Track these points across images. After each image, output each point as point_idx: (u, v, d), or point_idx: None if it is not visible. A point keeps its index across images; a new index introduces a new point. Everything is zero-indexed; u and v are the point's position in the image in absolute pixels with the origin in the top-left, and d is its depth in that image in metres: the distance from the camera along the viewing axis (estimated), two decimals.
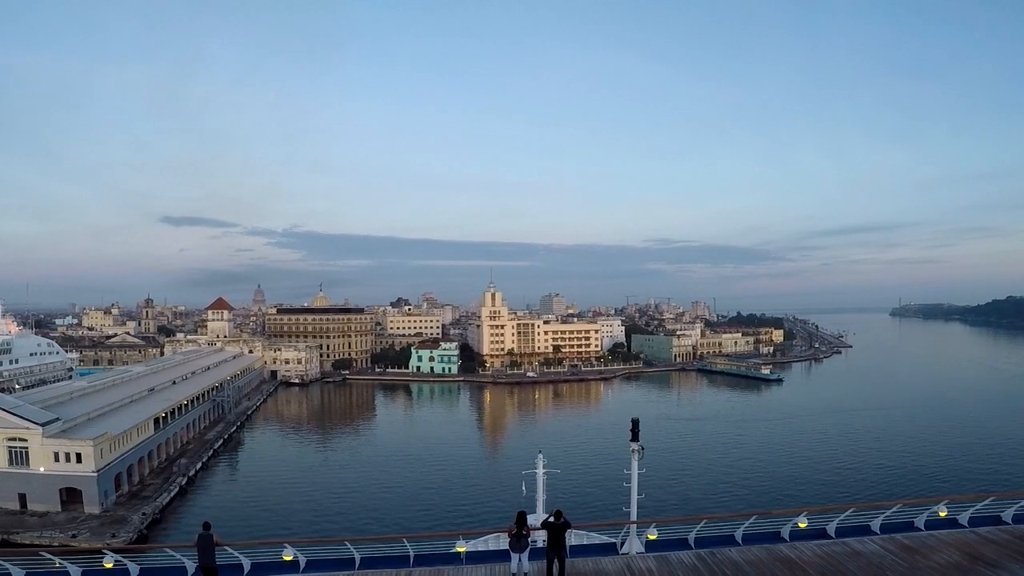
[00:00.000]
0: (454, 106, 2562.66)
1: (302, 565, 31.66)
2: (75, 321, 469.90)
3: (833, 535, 33.59)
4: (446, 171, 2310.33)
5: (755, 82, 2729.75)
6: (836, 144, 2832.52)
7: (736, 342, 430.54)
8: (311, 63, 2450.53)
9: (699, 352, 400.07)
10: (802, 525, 33.73)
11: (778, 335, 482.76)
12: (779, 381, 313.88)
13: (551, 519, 28.17)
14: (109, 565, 31.35)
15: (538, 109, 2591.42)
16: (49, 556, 32.45)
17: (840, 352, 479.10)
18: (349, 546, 32.27)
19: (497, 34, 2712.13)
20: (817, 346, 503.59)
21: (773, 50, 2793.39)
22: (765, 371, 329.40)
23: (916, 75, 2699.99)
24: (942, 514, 35.26)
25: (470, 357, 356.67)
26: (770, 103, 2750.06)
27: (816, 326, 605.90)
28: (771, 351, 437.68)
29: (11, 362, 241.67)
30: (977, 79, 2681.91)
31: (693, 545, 32.70)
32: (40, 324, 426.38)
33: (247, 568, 31.59)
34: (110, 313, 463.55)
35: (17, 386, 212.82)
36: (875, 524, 34.42)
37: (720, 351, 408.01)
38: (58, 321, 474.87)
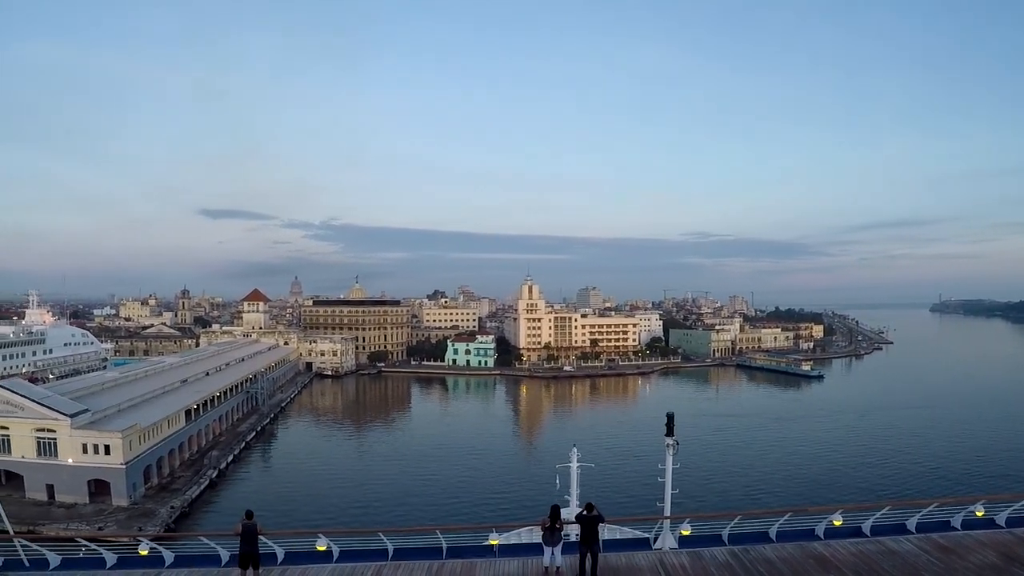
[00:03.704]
0: (490, 99, 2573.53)
1: (335, 555, 31.46)
2: (112, 312, 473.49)
3: (868, 533, 32.90)
4: (482, 164, 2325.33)
5: (793, 74, 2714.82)
6: (874, 137, 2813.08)
7: (775, 337, 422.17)
8: (348, 59, 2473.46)
9: (738, 347, 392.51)
10: (837, 523, 33.18)
11: (818, 331, 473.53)
12: (820, 378, 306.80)
13: (583, 512, 28.01)
14: (144, 552, 31.60)
15: (573, 102, 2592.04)
16: (84, 542, 33.15)
17: (881, 348, 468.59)
18: (382, 537, 32.06)
19: (532, 27, 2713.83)
20: (860, 340, 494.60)
21: (812, 42, 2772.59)
22: (806, 367, 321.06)
23: (956, 68, 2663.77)
24: (979, 514, 34.39)
25: (506, 350, 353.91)
26: (807, 95, 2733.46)
27: (856, 322, 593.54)
28: (811, 347, 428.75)
29: (45, 352, 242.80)
30: (1019, 72, 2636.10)
31: (727, 541, 32.11)
32: (77, 315, 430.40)
33: (281, 557, 31.31)
34: (147, 304, 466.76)
35: (51, 376, 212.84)
36: (911, 523, 33.63)
37: (759, 346, 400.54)
38: (96, 312, 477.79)
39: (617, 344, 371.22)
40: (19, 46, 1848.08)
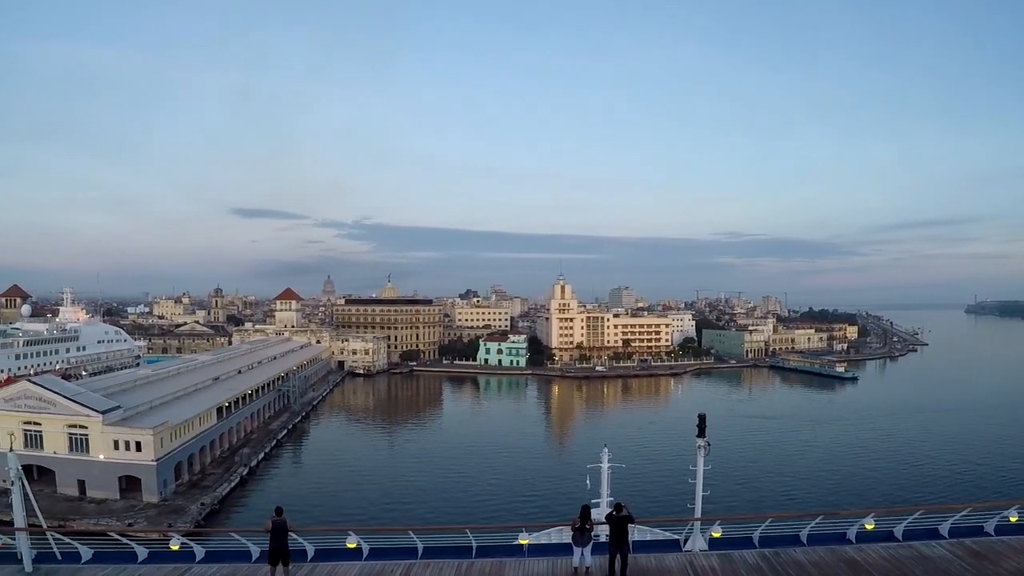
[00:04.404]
0: (521, 99, 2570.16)
1: (365, 553, 31.45)
2: (146, 310, 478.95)
3: (900, 538, 32.45)
4: (513, 164, 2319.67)
5: (823, 72, 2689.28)
6: (907, 135, 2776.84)
7: (809, 338, 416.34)
8: (381, 58, 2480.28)
9: (771, 348, 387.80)
10: (869, 527, 32.89)
11: (852, 331, 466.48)
12: (854, 379, 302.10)
13: (613, 512, 28.21)
14: (175, 547, 31.52)
15: (605, 102, 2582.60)
16: (116, 536, 33.24)
17: (915, 350, 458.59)
18: (412, 535, 31.99)
19: (563, 26, 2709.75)
20: (894, 341, 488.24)
21: (843, 39, 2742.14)
22: (839, 369, 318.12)
23: (988, 64, 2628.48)
24: (1013, 519, 33.75)
25: (538, 350, 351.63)
26: (838, 93, 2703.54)
27: (890, 323, 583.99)
28: (845, 348, 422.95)
29: (78, 349, 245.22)
30: None
31: (757, 544, 31.79)
32: (111, 312, 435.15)
33: (311, 554, 31.38)
34: (180, 302, 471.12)
35: (84, 373, 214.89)
36: (943, 528, 33.12)
37: (793, 347, 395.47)
38: (130, 309, 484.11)
39: (650, 344, 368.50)
40: (52, 48, 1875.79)
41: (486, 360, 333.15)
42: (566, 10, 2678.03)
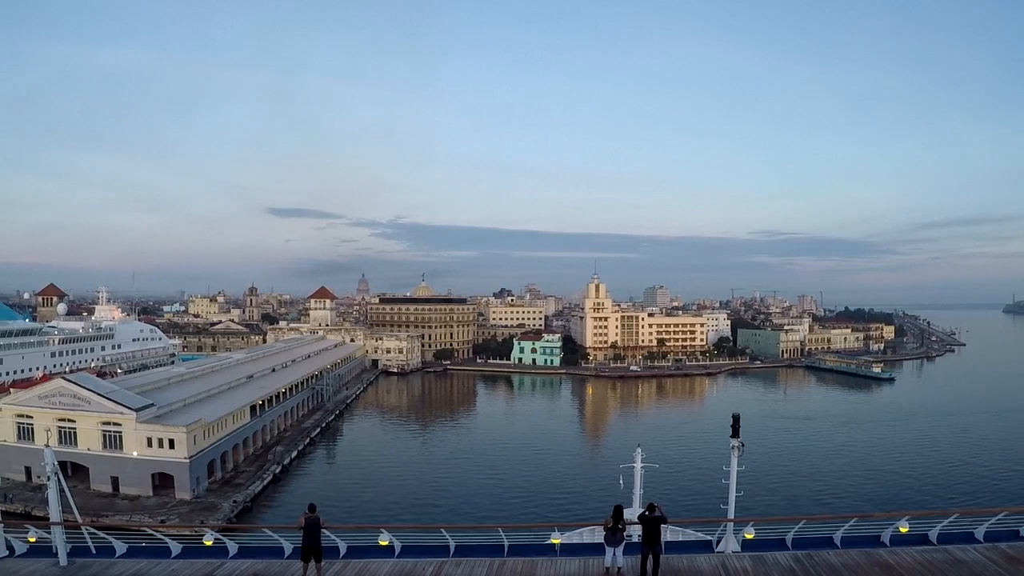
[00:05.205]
0: (556, 98, 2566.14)
1: (397, 550, 31.73)
2: (182, 308, 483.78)
3: (935, 541, 31.71)
4: (548, 163, 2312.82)
5: (858, 69, 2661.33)
6: (945, 132, 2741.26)
7: (845, 338, 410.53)
8: (414, 59, 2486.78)
9: (807, 348, 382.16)
10: (903, 530, 32.29)
11: (888, 331, 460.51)
12: (891, 380, 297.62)
13: (646, 513, 28.27)
14: (208, 543, 32.20)
15: (640, 100, 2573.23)
16: (150, 532, 33.70)
17: (953, 351, 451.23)
18: (444, 533, 32.14)
19: (597, 24, 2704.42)
20: (934, 340, 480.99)
21: (876, 36, 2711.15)
22: (876, 369, 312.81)
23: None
24: None
25: (573, 349, 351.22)
26: (874, 90, 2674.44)
27: (928, 323, 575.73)
28: (881, 348, 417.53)
29: (114, 347, 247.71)
30: None
31: (791, 546, 31.51)
32: (147, 311, 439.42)
33: (343, 551, 31.52)
34: (215, 301, 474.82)
35: (119, 370, 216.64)
36: (979, 532, 32.35)
37: (829, 347, 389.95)
38: (165, 308, 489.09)
39: (684, 344, 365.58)
40: (91, 50, 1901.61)
41: (520, 359, 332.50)
42: (600, 9, 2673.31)
